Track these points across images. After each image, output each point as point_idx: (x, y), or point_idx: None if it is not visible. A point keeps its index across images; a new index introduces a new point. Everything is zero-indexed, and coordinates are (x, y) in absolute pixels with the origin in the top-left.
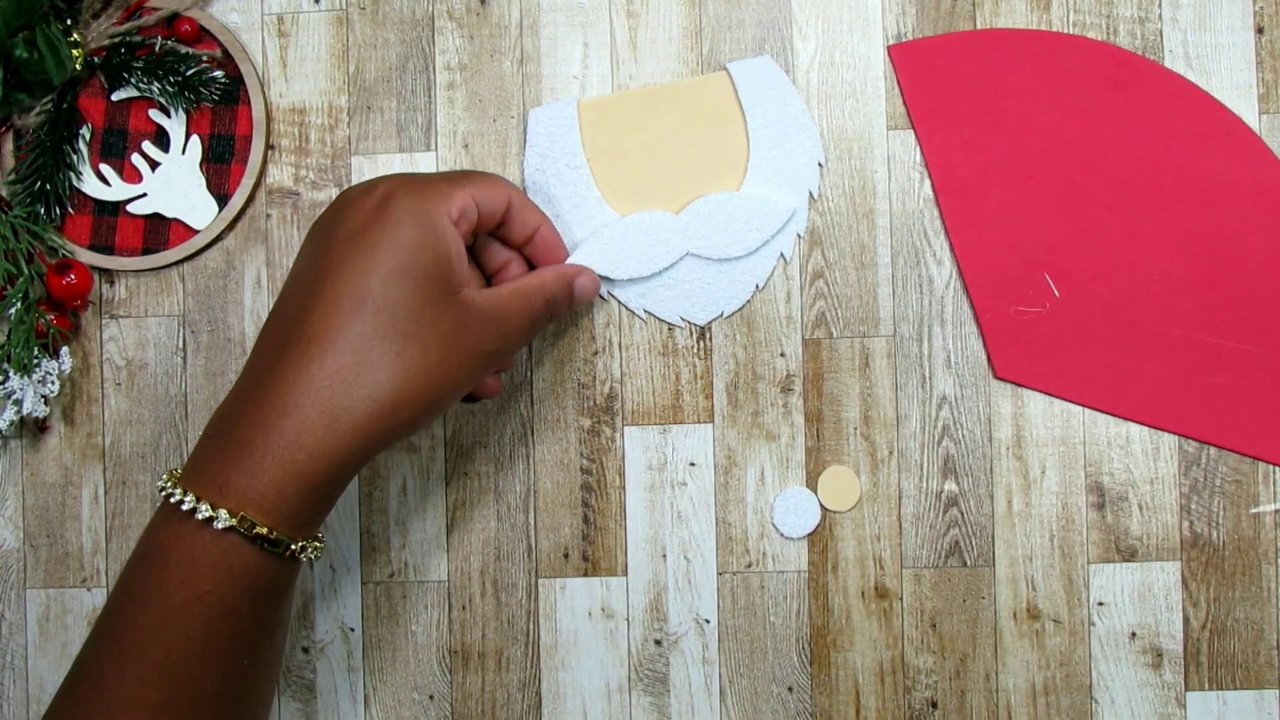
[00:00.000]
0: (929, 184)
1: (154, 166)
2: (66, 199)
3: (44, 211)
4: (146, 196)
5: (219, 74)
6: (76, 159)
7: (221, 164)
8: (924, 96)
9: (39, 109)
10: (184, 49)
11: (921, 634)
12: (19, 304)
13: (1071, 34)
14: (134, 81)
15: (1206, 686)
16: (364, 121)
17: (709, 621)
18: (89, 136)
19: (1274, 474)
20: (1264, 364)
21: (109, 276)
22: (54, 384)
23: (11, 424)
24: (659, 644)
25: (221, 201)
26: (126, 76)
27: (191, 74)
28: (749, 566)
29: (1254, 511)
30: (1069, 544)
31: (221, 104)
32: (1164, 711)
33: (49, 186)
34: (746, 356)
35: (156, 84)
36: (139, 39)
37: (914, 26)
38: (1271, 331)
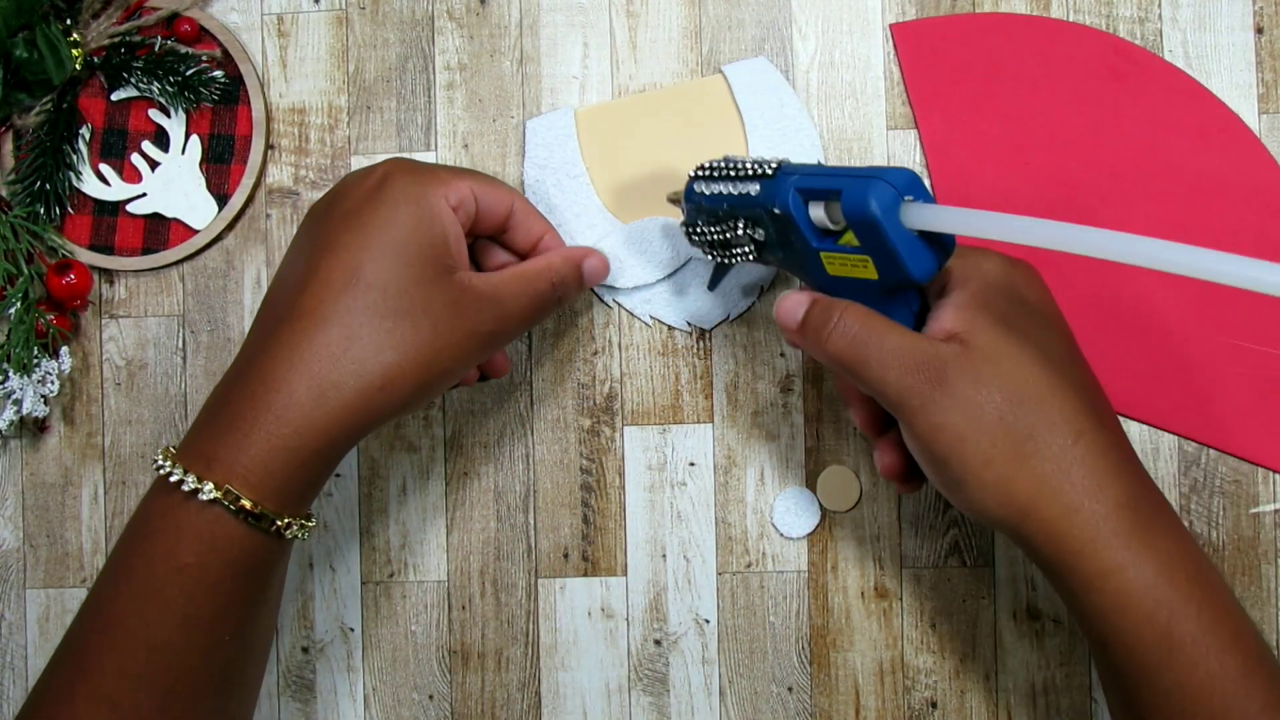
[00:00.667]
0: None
1: (154, 166)
2: (66, 199)
3: (44, 211)
4: (146, 196)
5: (219, 74)
6: (76, 159)
7: (221, 164)
8: (924, 76)
9: (39, 109)
10: (184, 49)
11: (921, 634)
12: (19, 304)
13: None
14: (134, 81)
15: None
16: (364, 121)
17: (709, 621)
18: (89, 136)
19: (1274, 474)
20: (1262, 361)
21: (109, 276)
22: (54, 384)
23: (11, 424)
24: (659, 644)
25: (221, 201)
26: (126, 76)
27: (191, 74)
28: (749, 566)
29: (1254, 511)
30: None
31: (221, 104)
32: None
33: (49, 186)
34: (746, 356)
35: (156, 84)
36: (139, 39)
37: None
38: (1267, 329)
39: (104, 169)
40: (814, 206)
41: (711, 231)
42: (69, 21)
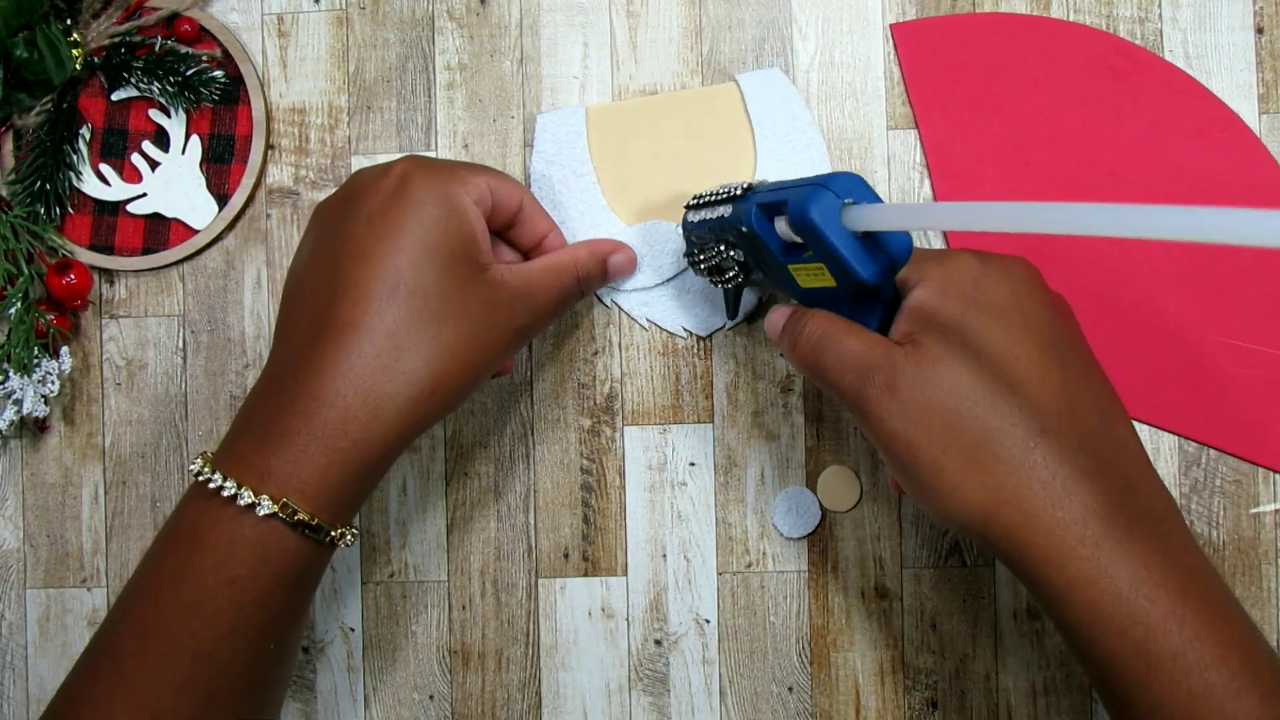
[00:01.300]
0: (929, 184)
1: (154, 166)
2: (66, 199)
3: (44, 211)
4: (146, 196)
5: (219, 74)
6: (76, 159)
7: (221, 164)
8: (924, 76)
9: (39, 109)
10: (184, 49)
11: (921, 634)
12: (19, 304)
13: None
14: (134, 81)
15: None
16: (364, 121)
17: (709, 621)
18: (89, 136)
19: (1274, 474)
20: (1262, 361)
21: (109, 276)
22: (54, 384)
23: (11, 424)
24: (659, 644)
25: (221, 201)
26: (126, 76)
27: (191, 74)
28: (749, 566)
29: (1254, 511)
30: None
31: (221, 104)
32: None
33: (49, 186)
34: (746, 356)
35: (156, 84)
36: (139, 39)
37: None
38: (1267, 329)
39: (104, 169)
40: (778, 221)
41: (704, 258)
42: (69, 21)
